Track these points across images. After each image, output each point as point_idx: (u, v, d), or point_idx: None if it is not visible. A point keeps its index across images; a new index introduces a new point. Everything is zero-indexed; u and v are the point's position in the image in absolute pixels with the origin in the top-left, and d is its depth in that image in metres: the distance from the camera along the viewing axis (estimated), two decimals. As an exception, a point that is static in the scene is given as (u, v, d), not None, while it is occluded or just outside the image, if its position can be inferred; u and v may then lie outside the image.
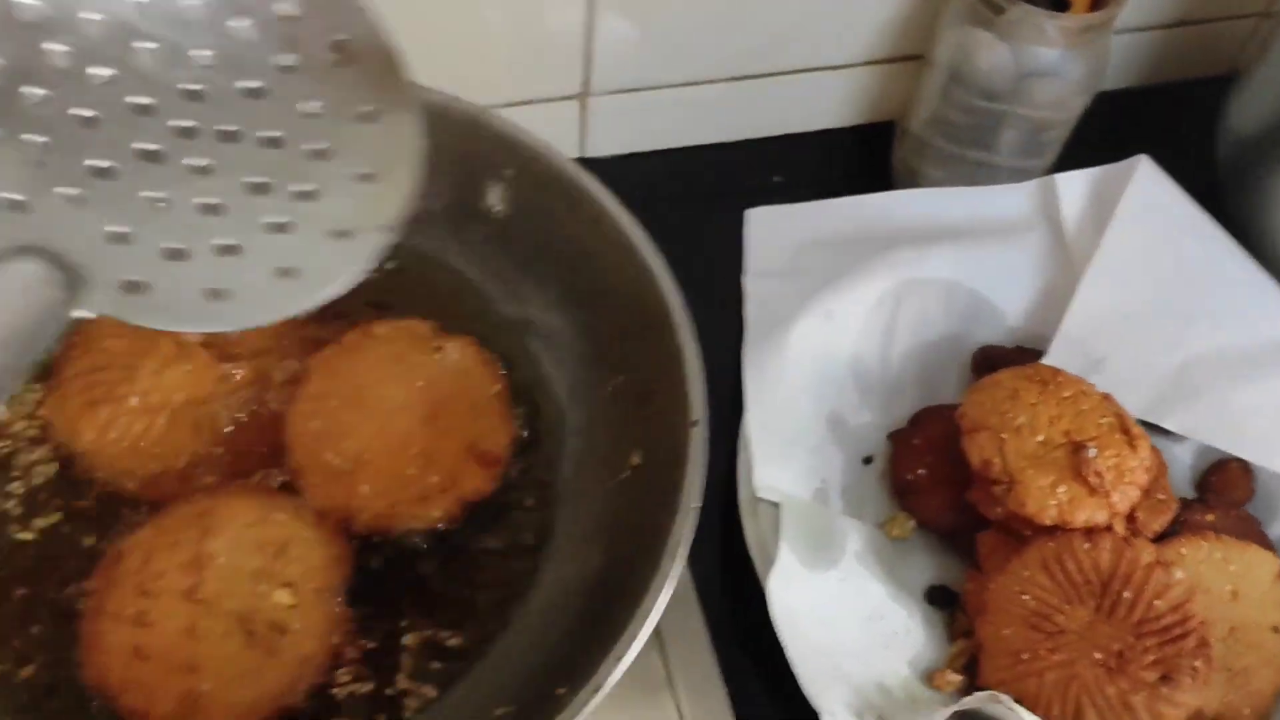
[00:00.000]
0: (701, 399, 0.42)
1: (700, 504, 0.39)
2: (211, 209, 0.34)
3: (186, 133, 0.34)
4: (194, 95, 0.34)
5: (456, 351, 0.49)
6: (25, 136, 0.32)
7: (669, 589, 0.37)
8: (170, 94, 0.34)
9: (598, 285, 0.48)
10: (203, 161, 0.34)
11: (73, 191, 0.32)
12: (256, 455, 0.47)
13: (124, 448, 0.46)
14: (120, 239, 0.32)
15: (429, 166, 0.50)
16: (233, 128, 0.34)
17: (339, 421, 0.47)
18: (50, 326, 0.30)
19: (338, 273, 0.35)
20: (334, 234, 0.35)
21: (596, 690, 0.35)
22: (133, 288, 0.32)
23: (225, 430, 0.48)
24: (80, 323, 0.48)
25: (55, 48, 0.32)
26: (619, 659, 0.35)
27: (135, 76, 0.33)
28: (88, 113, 0.33)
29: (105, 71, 0.33)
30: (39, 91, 0.32)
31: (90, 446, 0.46)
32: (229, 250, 0.34)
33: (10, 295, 0.30)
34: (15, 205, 0.31)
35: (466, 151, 0.51)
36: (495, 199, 0.52)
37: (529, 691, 0.40)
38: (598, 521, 0.46)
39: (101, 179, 0.33)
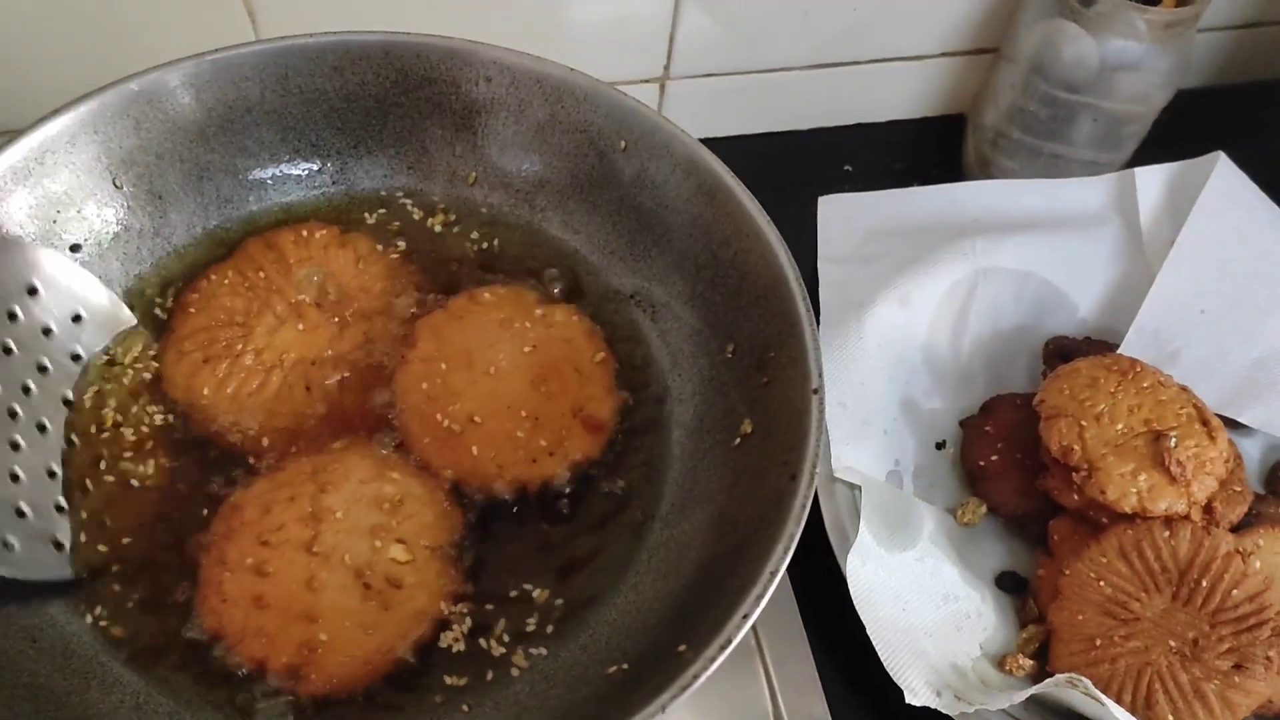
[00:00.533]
0: (819, 367, 0.43)
1: (819, 469, 0.40)
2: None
3: None
4: None
5: (562, 318, 0.50)
6: None
7: (791, 550, 0.38)
8: None
9: (710, 256, 0.48)
10: None
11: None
12: (366, 415, 0.48)
13: (238, 403, 0.47)
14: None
15: (545, 135, 0.52)
16: None
17: (448, 384, 0.48)
18: None
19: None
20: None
21: (724, 647, 0.36)
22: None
23: (334, 389, 0.49)
24: (197, 281, 0.50)
25: None
26: (746, 616, 0.36)
27: None
28: None
29: None
30: None
31: (206, 400, 0.47)
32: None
33: None
34: None
35: (585, 122, 0.52)
36: (606, 168, 0.53)
37: (645, 650, 0.40)
38: (709, 487, 0.47)
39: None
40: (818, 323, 0.61)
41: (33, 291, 0.46)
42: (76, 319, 0.48)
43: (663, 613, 0.42)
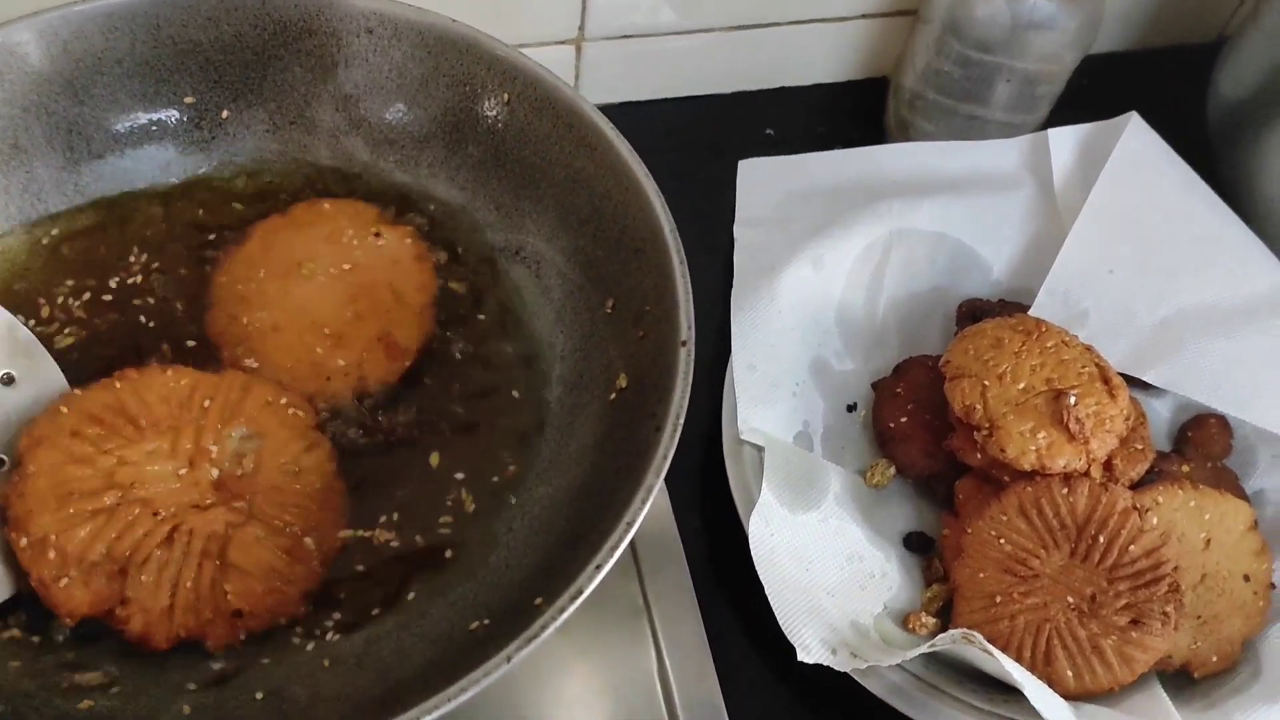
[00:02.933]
0: (689, 320, 0.43)
1: (682, 421, 0.40)
2: None
3: None
4: None
5: (395, 240, 0.50)
6: None
7: (649, 501, 0.37)
8: None
9: (591, 210, 0.48)
10: None
11: None
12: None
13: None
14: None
15: (429, 88, 0.52)
16: None
17: (261, 288, 0.49)
18: None
19: None
20: None
21: (575, 597, 0.35)
22: None
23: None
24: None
25: None
26: (599, 567, 0.36)
27: None
28: None
29: None
30: None
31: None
32: None
33: None
34: None
35: (466, 74, 0.51)
36: (489, 121, 0.52)
37: (506, 605, 0.40)
38: (583, 442, 0.47)
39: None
40: (731, 286, 0.62)
41: None
42: None
43: (530, 568, 0.42)
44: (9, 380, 0.47)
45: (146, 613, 0.43)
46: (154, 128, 0.53)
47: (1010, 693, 0.50)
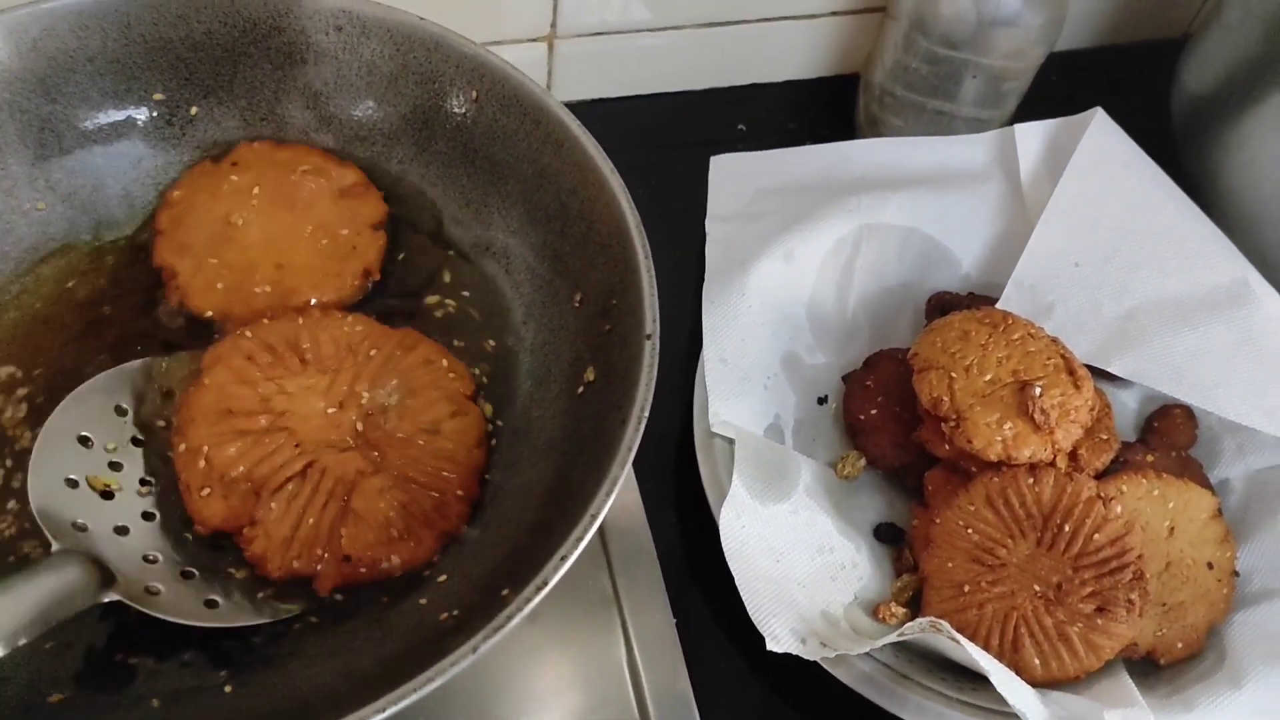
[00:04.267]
0: (654, 313, 0.43)
1: (647, 413, 0.40)
2: None
3: None
4: None
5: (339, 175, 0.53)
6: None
7: (614, 493, 0.38)
8: None
9: (558, 206, 0.48)
10: None
11: (124, 525, 0.45)
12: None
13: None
14: (151, 560, 0.45)
15: (398, 86, 0.52)
16: None
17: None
18: (79, 605, 0.41)
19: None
20: None
21: (540, 588, 0.36)
22: (151, 590, 0.44)
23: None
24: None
25: None
26: (564, 558, 0.36)
27: None
28: None
29: None
30: None
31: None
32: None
33: (55, 582, 0.41)
34: (78, 527, 0.44)
35: (434, 71, 0.51)
36: (458, 118, 0.53)
37: (475, 596, 0.40)
38: (552, 436, 0.47)
39: (147, 520, 0.46)
40: (702, 280, 0.62)
41: None
42: None
43: (497, 560, 0.42)
44: None
45: (269, 539, 0.45)
46: (124, 125, 0.53)
47: (979, 681, 0.51)
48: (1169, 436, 0.60)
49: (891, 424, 0.59)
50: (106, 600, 0.42)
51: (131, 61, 0.51)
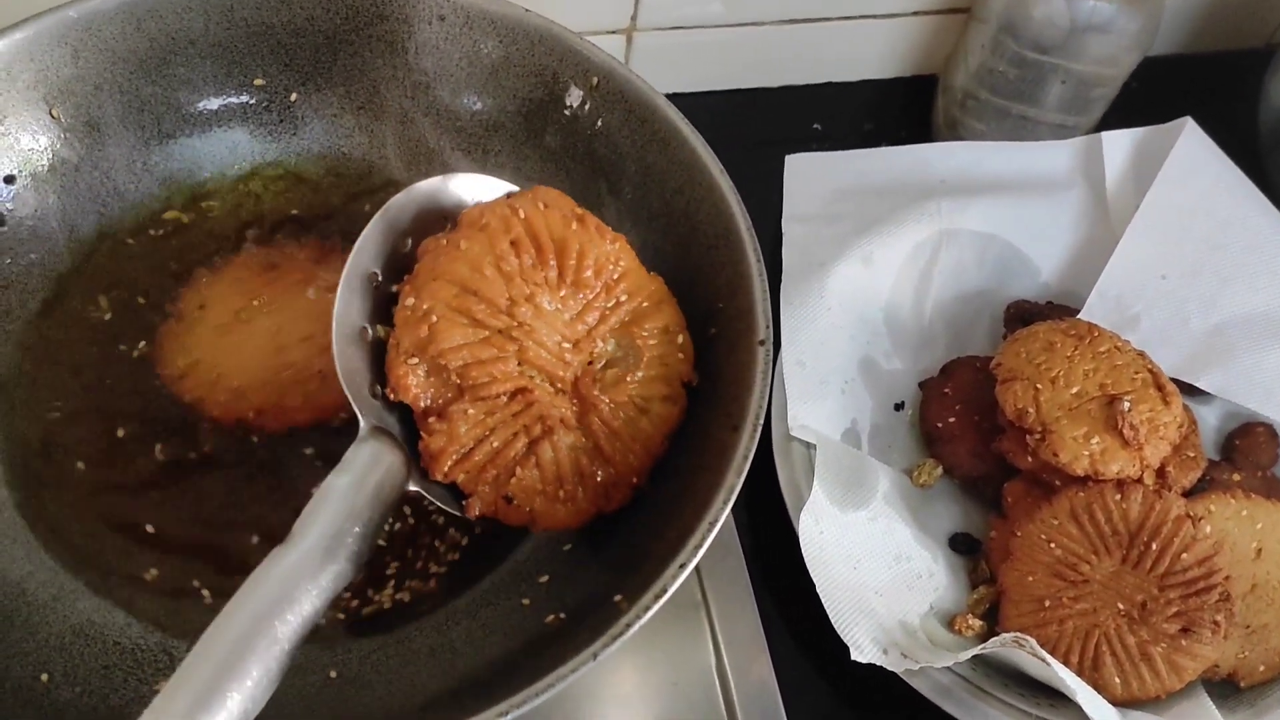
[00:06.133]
0: (768, 319, 0.42)
1: (762, 421, 0.39)
2: None
3: None
4: None
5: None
6: None
7: (731, 501, 0.37)
8: None
9: (661, 205, 0.48)
10: None
11: None
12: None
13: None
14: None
15: (499, 77, 0.51)
16: None
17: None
18: (394, 490, 0.40)
19: None
20: None
21: (659, 596, 0.35)
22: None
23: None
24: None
25: None
26: (683, 565, 0.36)
27: None
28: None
29: None
30: None
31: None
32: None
33: (375, 462, 0.40)
34: (376, 395, 0.43)
35: (538, 64, 0.51)
36: (563, 113, 0.52)
37: (583, 600, 0.40)
38: None
39: None
40: (780, 281, 0.62)
41: None
42: None
43: (607, 563, 0.42)
44: None
45: (450, 440, 0.42)
46: (224, 109, 0.53)
47: (1057, 697, 0.50)
48: (1252, 454, 0.59)
49: (970, 433, 0.58)
50: (414, 488, 0.41)
51: (233, 45, 0.51)
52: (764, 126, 0.73)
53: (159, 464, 0.47)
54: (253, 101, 0.53)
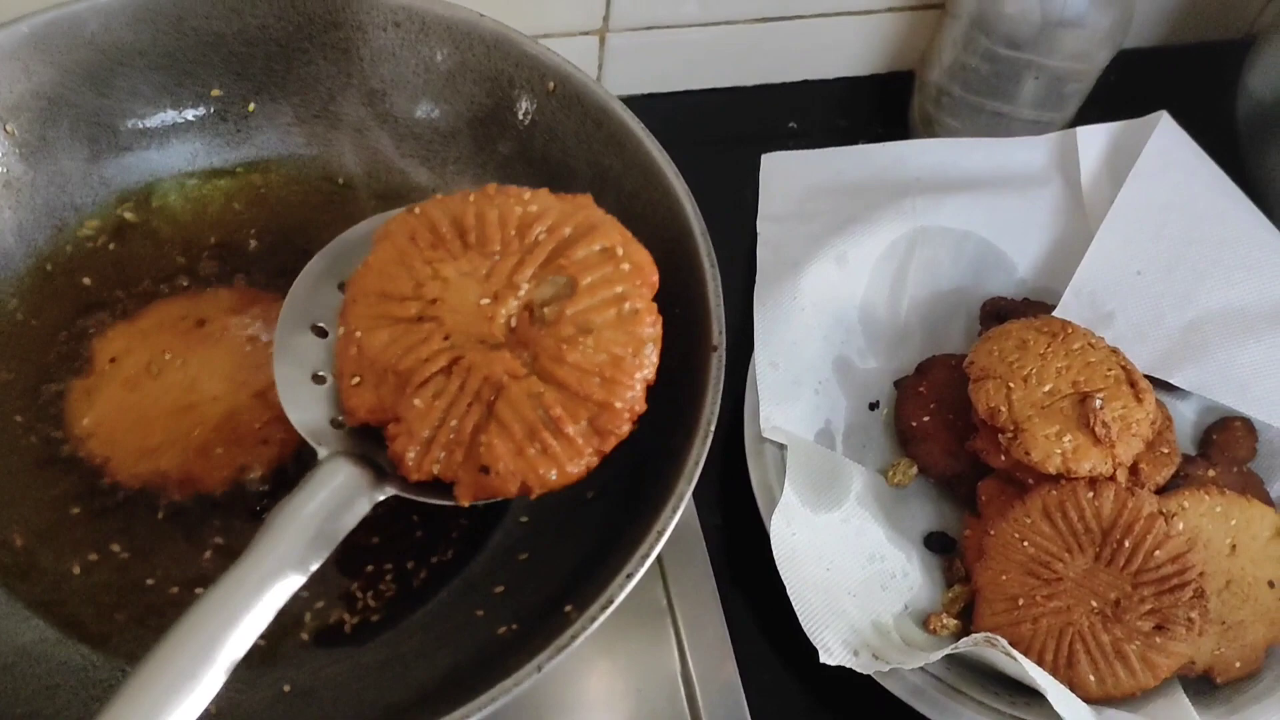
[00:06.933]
0: (721, 324, 0.42)
1: (714, 428, 0.39)
2: None
3: None
4: None
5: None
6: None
7: (680, 509, 0.37)
8: None
9: (618, 209, 0.47)
10: None
11: None
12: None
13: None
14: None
15: (455, 84, 0.51)
16: None
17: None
18: (362, 510, 0.40)
19: None
20: None
21: (606, 606, 0.35)
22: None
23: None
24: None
25: None
26: (630, 575, 0.36)
27: None
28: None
29: None
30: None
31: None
32: None
33: (330, 479, 0.40)
34: (336, 424, 0.43)
35: (494, 70, 0.50)
36: (518, 119, 0.52)
37: (535, 609, 0.40)
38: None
39: None
40: (755, 282, 0.61)
41: None
42: None
43: (558, 575, 0.42)
44: None
45: (410, 437, 0.41)
46: (179, 121, 0.52)
47: (1031, 695, 0.50)
48: (1229, 449, 0.58)
49: (944, 432, 0.58)
50: (384, 497, 0.40)
51: (184, 56, 0.50)
52: (740, 125, 0.72)
53: (73, 517, 0.46)
54: (210, 112, 0.52)
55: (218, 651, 0.33)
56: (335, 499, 0.39)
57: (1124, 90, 0.68)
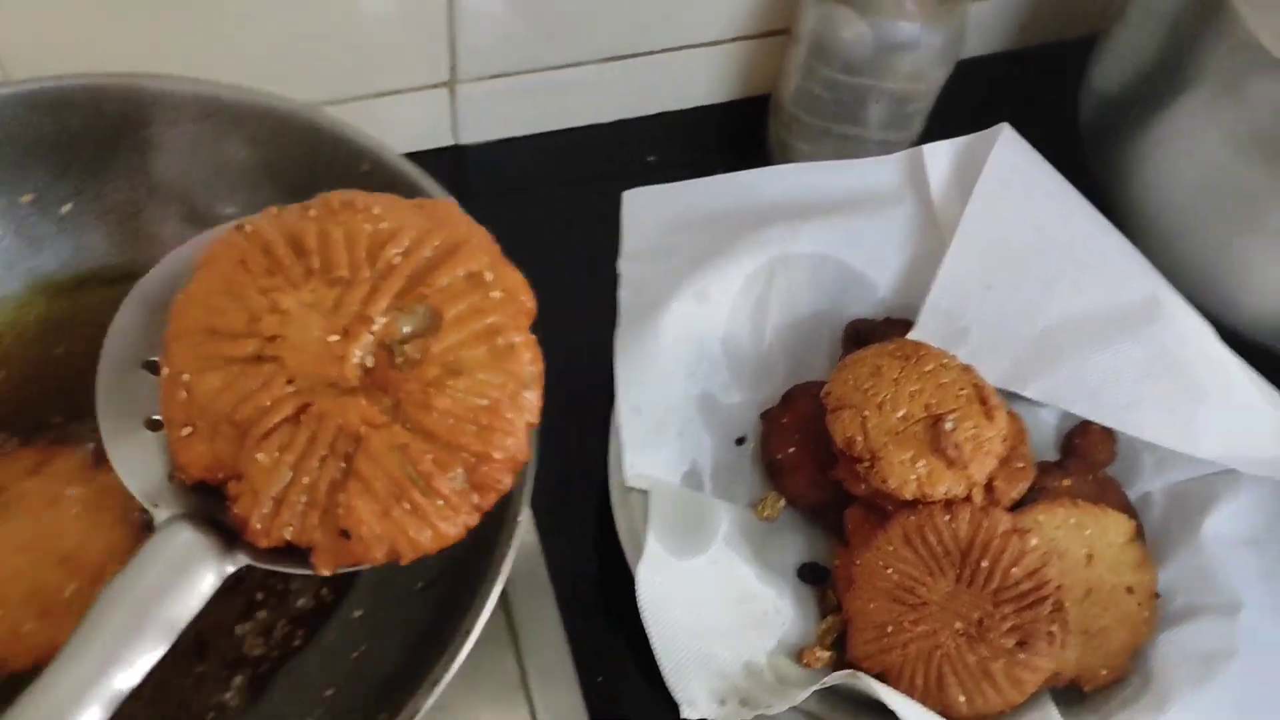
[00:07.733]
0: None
1: (523, 516, 0.39)
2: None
3: None
4: None
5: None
6: None
7: (487, 609, 0.36)
8: None
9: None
10: None
11: None
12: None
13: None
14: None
15: (272, 171, 0.50)
16: None
17: None
18: (203, 580, 0.35)
19: None
20: None
21: (411, 717, 0.34)
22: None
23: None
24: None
25: None
26: (435, 683, 0.35)
27: None
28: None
29: None
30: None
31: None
32: None
33: (166, 548, 0.35)
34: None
35: (308, 158, 0.49)
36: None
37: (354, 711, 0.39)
38: None
39: None
40: (616, 325, 0.61)
41: None
42: None
43: (381, 675, 0.41)
44: None
45: (254, 497, 0.35)
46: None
47: (911, 722, 0.51)
48: (1089, 454, 0.59)
49: (810, 462, 0.58)
50: (235, 569, 0.36)
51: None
52: (599, 163, 0.72)
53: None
54: (24, 216, 0.51)
55: None
56: (173, 573, 0.34)
57: (971, 100, 0.68)
